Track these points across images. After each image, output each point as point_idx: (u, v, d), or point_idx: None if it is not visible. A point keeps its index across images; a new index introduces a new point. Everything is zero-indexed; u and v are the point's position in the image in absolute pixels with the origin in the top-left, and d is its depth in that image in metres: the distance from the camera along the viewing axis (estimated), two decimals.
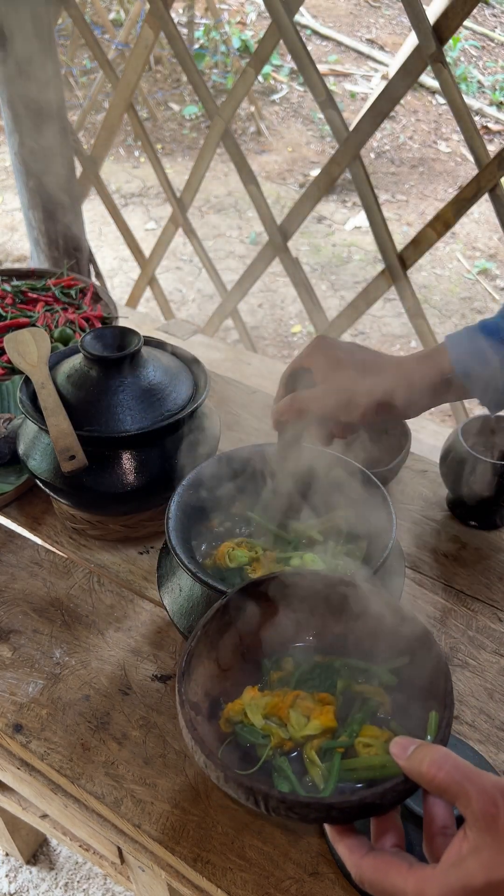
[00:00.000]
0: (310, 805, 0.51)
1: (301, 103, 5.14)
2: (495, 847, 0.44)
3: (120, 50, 4.23)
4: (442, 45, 1.61)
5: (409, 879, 0.47)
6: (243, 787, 0.53)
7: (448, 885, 0.45)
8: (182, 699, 0.59)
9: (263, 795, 0.52)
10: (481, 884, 0.44)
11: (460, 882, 0.45)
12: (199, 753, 0.55)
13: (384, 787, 0.51)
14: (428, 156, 4.72)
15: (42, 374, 0.99)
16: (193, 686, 0.62)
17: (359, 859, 0.50)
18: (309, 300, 2.23)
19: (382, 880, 0.48)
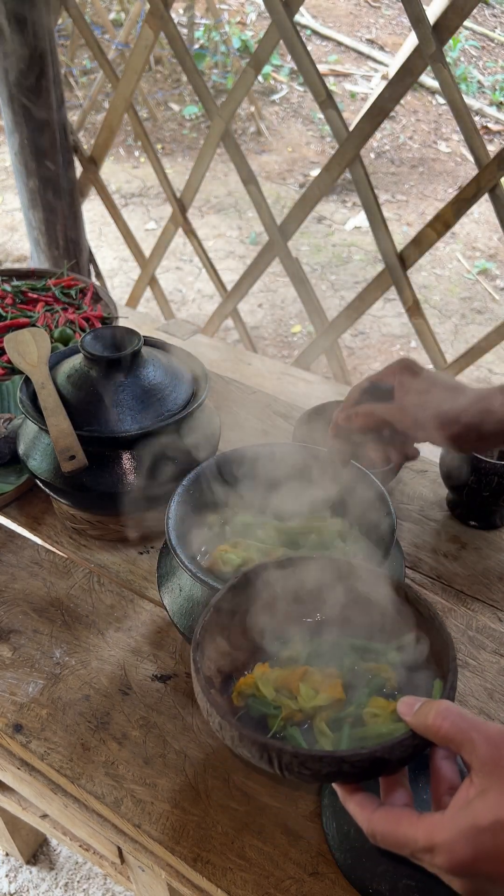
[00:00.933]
0: (322, 759, 0.51)
1: (301, 103, 5.14)
2: (500, 788, 0.46)
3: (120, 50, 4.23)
4: (442, 45, 1.61)
5: (419, 828, 0.48)
6: (257, 745, 0.54)
7: (457, 827, 0.46)
8: (197, 667, 0.60)
9: (277, 751, 0.53)
10: (489, 822, 0.45)
11: (468, 823, 0.46)
12: (215, 716, 0.56)
13: (393, 741, 0.52)
14: (428, 156, 4.72)
15: (42, 374, 0.99)
16: (207, 662, 0.63)
17: (370, 814, 0.51)
18: (309, 300, 2.23)
19: (394, 831, 0.49)
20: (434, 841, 0.47)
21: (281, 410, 1.29)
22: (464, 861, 0.46)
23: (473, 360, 2.08)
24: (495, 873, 0.46)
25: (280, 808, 0.74)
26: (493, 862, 0.46)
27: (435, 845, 0.47)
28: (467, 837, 0.46)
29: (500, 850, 0.45)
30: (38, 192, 2.22)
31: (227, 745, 0.57)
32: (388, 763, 0.52)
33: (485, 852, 0.46)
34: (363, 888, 0.67)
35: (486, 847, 0.46)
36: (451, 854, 0.46)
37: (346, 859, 0.69)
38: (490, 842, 0.46)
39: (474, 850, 0.46)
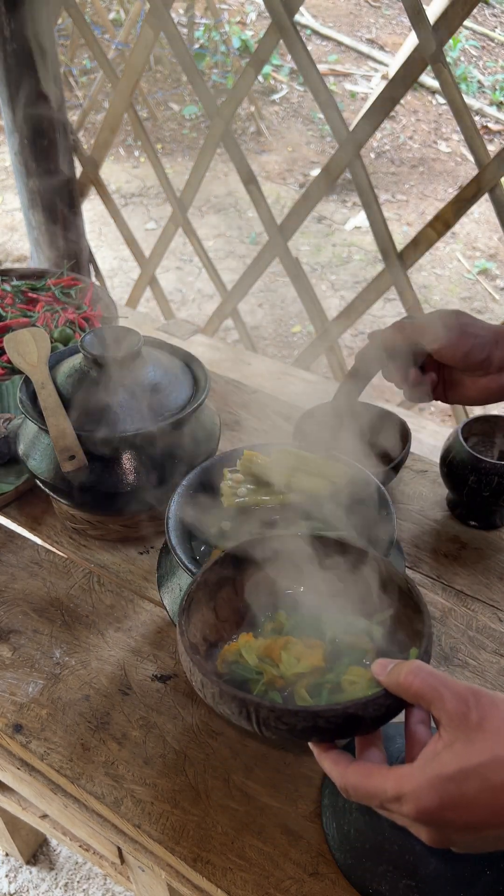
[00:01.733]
0: (298, 713, 0.53)
1: (301, 103, 5.14)
2: (466, 739, 0.48)
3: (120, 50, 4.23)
4: (442, 45, 1.61)
5: (388, 778, 0.50)
6: (237, 700, 0.56)
7: (424, 776, 0.48)
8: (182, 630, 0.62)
9: (255, 706, 0.55)
10: (453, 771, 0.47)
11: (435, 772, 0.48)
12: (197, 674, 0.59)
13: (367, 698, 0.53)
14: (428, 156, 4.72)
15: (42, 374, 0.99)
16: (192, 630, 0.66)
17: (343, 769, 0.53)
18: (309, 300, 2.23)
19: (365, 784, 0.51)
20: (402, 790, 0.49)
21: (281, 410, 1.29)
22: (429, 808, 0.48)
23: None
24: (459, 821, 0.48)
25: (280, 808, 0.74)
26: (458, 809, 0.47)
27: (403, 794, 0.49)
28: (433, 786, 0.48)
29: (464, 798, 0.47)
30: (38, 192, 2.22)
31: (209, 703, 0.58)
32: (362, 721, 0.53)
33: (450, 800, 0.47)
34: (363, 888, 0.67)
35: (451, 795, 0.47)
36: (417, 802, 0.48)
37: (346, 859, 0.69)
38: (455, 790, 0.47)
39: (440, 798, 0.47)
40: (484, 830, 0.48)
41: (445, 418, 2.76)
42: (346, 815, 0.71)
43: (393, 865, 0.66)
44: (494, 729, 0.48)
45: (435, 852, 0.66)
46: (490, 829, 0.48)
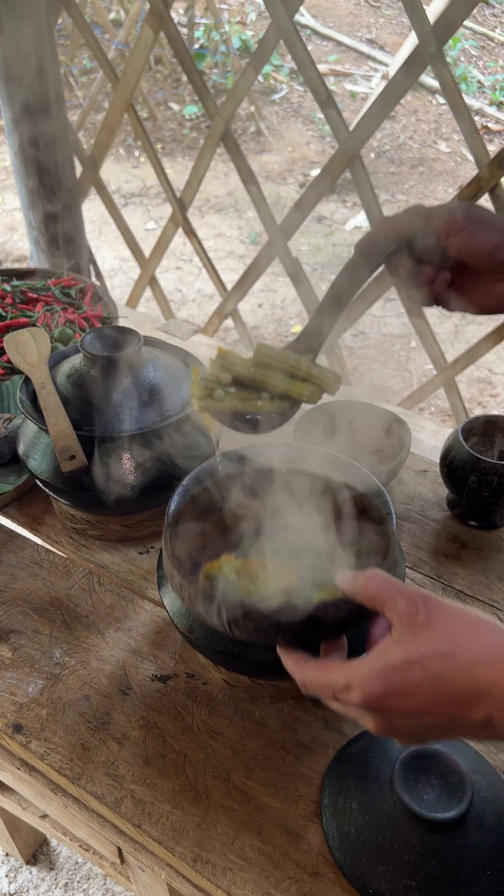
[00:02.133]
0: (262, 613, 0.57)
1: (301, 103, 5.14)
2: (412, 635, 0.53)
3: (120, 50, 4.23)
4: (442, 45, 1.61)
5: (341, 671, 0.55)
6: (209, 599, 0.60)
7: (373, 666, 0.53)
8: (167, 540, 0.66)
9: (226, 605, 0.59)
10: (398, 662, 0.52)
11: (382, 663, 0.52)
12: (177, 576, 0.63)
13: (328, 602, 0.58)
14: (428, 156, 4.72)
15: (42, 374, 0.99)
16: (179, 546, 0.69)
17: (303, 666, 0.58)
18: (309, 300, 2.22)
19: (321, 678, 0.56)
20: (351, 680, 0.53)
21: None
22: (375, 695, 0.52)
23: (473, 360, 2.08)
24: (402, 708, 0.52)
25: (280, 808, 0.74)
26: (400, 697, 0.52)
27: (351, 683, 0.53)
28: (379, 674, 0.52)
29: (406, 686, 0.51)
30: (38, 192, 2.22)
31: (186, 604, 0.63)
32: (324, 623, 0.57)
33: (393, 688, 0.52)
34: (363, 888, 0.67)
35: (394, 683, 0.52)
36: (363, 689, 0.52)
37: (346, 859, 0.69)
38: (398, 678, 0.52)
39: (384, 686, 0.52)
40: (423, 718, 0.52)
41: (445, 418, 2.76)
42: (346, 815, 0.71)
43: (393, 865, 0.66)
44: (439, 627, 0.52)
45: (435, 852, 0.66)
46: (428, 717, 0.52)
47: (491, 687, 0.49)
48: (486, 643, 0.51)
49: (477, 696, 0.50)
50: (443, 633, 0.52)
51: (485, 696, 0.50)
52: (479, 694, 0.50)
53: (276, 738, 0.80)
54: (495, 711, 0.50)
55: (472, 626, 0.52)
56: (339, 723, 0.82)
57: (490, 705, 0.50)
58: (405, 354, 3.12)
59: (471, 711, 0.51)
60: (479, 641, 0.51)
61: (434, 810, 0.64)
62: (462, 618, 0.53)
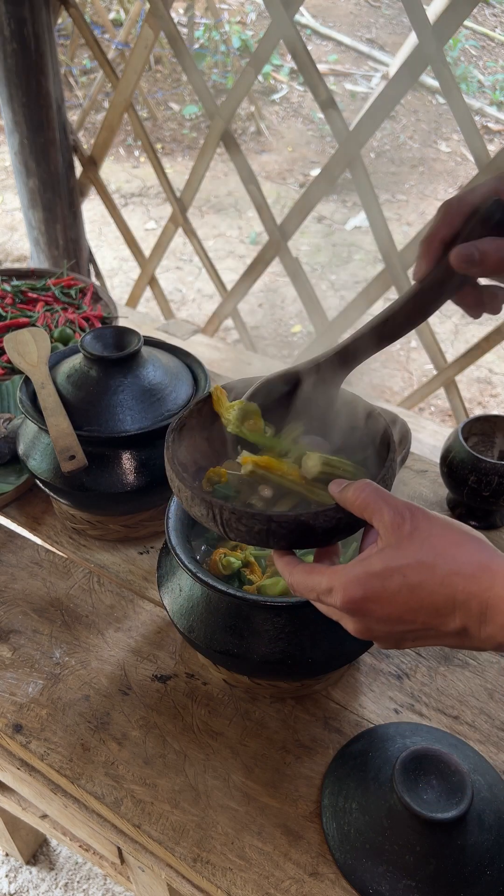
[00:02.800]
0: (254, 516, 0.58)
1: (301, 103, 5.14)
2: (396, 545, 0.54)
3: (120, 50, 4.23)
4: (442, 45, 1.61)
5: (325, 573, 0.57)
6: (205, 503, 0.60)
7: (353, 572, 0.54)
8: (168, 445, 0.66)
9: (219, 507, 0.59)
10: (379, 569, 0.53)
11: (363, 569, 0.54)
12: (175, 479, 0.63)
13: (317, 509, 0.58)
14: (428, 156, 4.72)
15: (42, 374, 0.99)
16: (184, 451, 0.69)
17: (292, 567, 0.59)
18: (309, 300, 2.23)
19: (306, 580, 0.58)
20: (333, 583, 0.55)
21: None
22: (354, 598, 0.54)
23: (473, 361, 2.08)
24: (380, 612, 0.54)
25: (280, 808, 0.74)
26: (379, 602, 0.53)
27: (333, 587, 0.55)
28: (360, 579, 0.54)
29: (385, 592, 0.53)
30: (38, 192, 2.22)
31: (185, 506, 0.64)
32: (314, 529, 0.58)
33: (372, 593, 0.53)
34: (363, 888, 0.67)
35: (374, 588, 0.53)
36: (344, 592, 0.54)
37: (346, 859, 0.69)
38: (378, 584, 0.53)
39: (363, 591, 0.53)
40: (400, 624, 0.54)
41: (446, 418, 2.76)
42: (346, 815, 0.71)
43: (393, 865, 0.66)
44: (422, 538, 0.53)
45: (435, 852, 0.66)
46: (405, 624, 0.54)
47: (468, 598, 0.51)
48: (467, 556, 0.52)
49: (453, 606, 0.51)
50: (425, 543, 0.53)
51: (461, 606, 0.51)
52: (456, 604, 0.51)
53: (276, 738, 0.80)
54: (470, 622, 0.51)
55: (455, 539, 0.54)
56: (339, 723, 0.82)
57: (466, 616, 0.51)
58: (405, 354, 3.12)
59: (447, 621, 0.52)
60: (460, 554, 0.52)
61: (434, 810, 0.64)
62: (447, 531, 0.54)
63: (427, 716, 0.83)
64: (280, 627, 0.74)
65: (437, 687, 0.86)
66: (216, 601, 0.76)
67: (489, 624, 0.51)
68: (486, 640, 0.52)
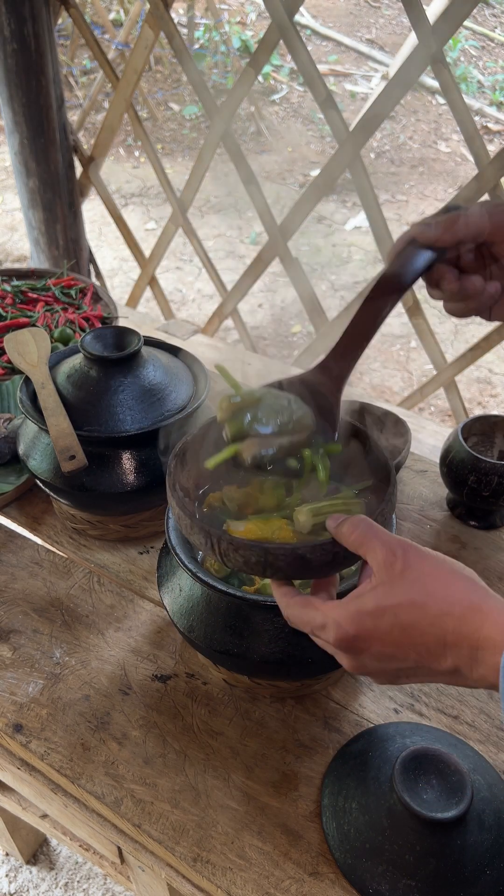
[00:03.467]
0: (251, 547, 0.59)
1: (301, 103, 5.14)
2: (388, 583, 0.54)
3: (120, 50, 4.23)
4: (442, 45, 1.61)
5: (320, 608, 0.57)
6: (204, 531, 0.61)
7: (347, 609, 0.55)
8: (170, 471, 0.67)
9: (217, 538, 0.60)
10: (372, 608, 0.54)
11: (355, 607, 0.55)
12: (176, 507, 0.64)
13: (315, 543, 0.59)
14: (428, 156, 4.72)
15: (42, 374, 0.99)
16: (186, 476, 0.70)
17: (289, 599, 0.60)
18: (309, 300, 2.23)
19: (301, 613, 0.58)
20: (326, 619, 0.56)
21: None
22: (347, 636, 0.55)
23: (473, 360, 2.08)
24: (372, 650, 0.55)
25: (280, 808, 0.74)
26: (371, 640, 0.54)
27: (327, 623, 0.56)
28: (352, 617, 0.54)
29: (377, 631, 0.54)
30: (38, 192, 2.22)
31: (185, 533, 0.64)
32: (311, 563, 0.59)
33: (365, 631, 0.54)
34: (363, 888, 0.67)
35: (366, 627, 0.54)
36: (337, 629, 0.55)
37: (346, 859, 0.69)
38: (370, 623, 0.54)
39: (356, 629, 0.54)
40: (392, 661, 0.55)
41: (445, 418, 2.76)
42: (346, 815, 0.71)
43: (393, 865, 0.66)
44: (414, 577, 0.54)
45: (435, 852, 0.66)
46: (397, 661, 0.54)
47: (458, 639, 0.51)
48: (458, 596, 0.52)
49: (444, 647, 0.52)
50: (417, 582, 0.53)
51: (452, 647, 0.52)
52: (447, 645, 0.52)
53: (276, 738, 0.80)
54: (461, 663, 0.52)
55: (447, 578, 0.54)
56: (339, 723, 0.82)
57: (457, 657, 0.52)
58: (405, 354, 3.12)
59: (439, 660, 0.53)
60: (451, 594, 0.53)
61: (434, 810, 0.64)
62: (438, 569, 0.54)
63: (427, 715, 0.83)
64: (280, 627, 0.74)
65: (436, 686, 0.86)
66: (216, 601, 0.76)
67: (480, 665, 0.51)
68: (478, 681, 0.52)
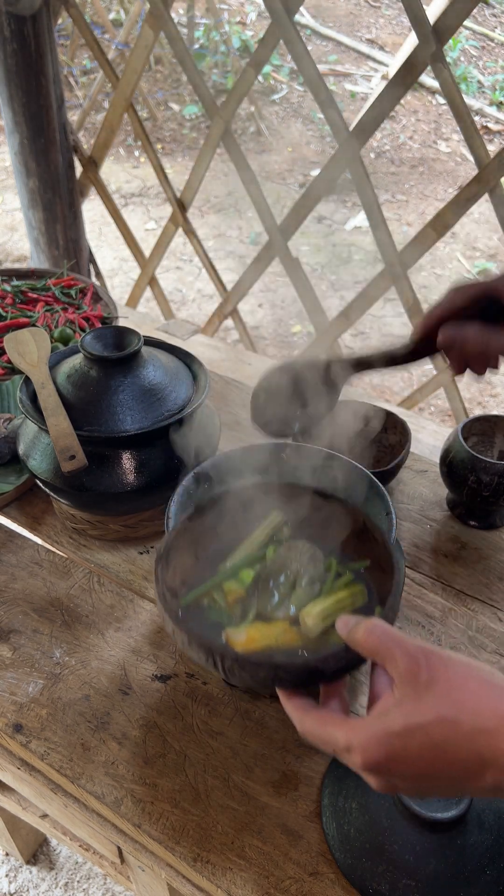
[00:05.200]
0: (260, 665, 0.56)
1: (301, 103, 5.14)
2: (415, 698, 0.51)
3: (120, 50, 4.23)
4: (442, 45, 1.61)
5: (341, 728, 0.53)
6: (204, 648, 0.58)
7: (373, 730, 0.51)
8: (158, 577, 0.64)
9: (220, 655, 0.57)
10: (400, 728, 0.50)
11: (382, 728, 0.51)
12: (169, 621, 0.61)
13: (327, 653, 0.56)
14: (428, 156, 4.72)
15: (42, 374, 0.99)
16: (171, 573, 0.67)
17: (303, 714, 0.56)
18: (309, 300, 2.23)
19: (320, 731, 0.55)
20: (352, 742, 0.52)
21: None
22: (376, 760, 0.51)
23: None
24: (404, 772, 0.51)
25: (280, 808, 0.74)
26: (401, 762, 0.50)
27: (352, 746, 0.52)
28: (380, 740, 0.51)
29: (408, 753, 0.50)
30: (38, 192, 2.22)
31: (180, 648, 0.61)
32: (323, 673, 0.56)
33: (394, 753, 0.50)
34: (363, 888, 0.67)
35: (395, 749, 0.50)
36: (364, 754, 0.51)
37: (346, 859, 0.69)
38: (400, 745, 0.50)
39: (385, 752, 0.50)
40: (425, 781, 0.51)
41: (445, 418, 2.76)
42: (346, 815, 0.71)
43: (393, 865, 0.66)
44: (441, 690, 0.50)
45: (435, 852, 0.66)
46: (432, 780, 0.51)
47: (496, 755, 0.48)
48: (490, 709, 0.49)
49: (482, 764, 0.49)
50: (446, 696, 0.50)
51: (490, 764, 0.49)
52: (484, 762, 0.49)
53: (276, 738, 0.80)
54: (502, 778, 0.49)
55: (477, 688, 0.50)
56: None
57: (496, 773, 0.49)
58: None
59: (477, 778, 0.50)
60: (483, 707, 0.49)
61: (434, 810, 0.64)
62: (467, 679, 0.51)
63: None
64: None
65: None
66: None
67: None
68: None
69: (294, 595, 0.68)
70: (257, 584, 0.70)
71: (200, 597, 0.68)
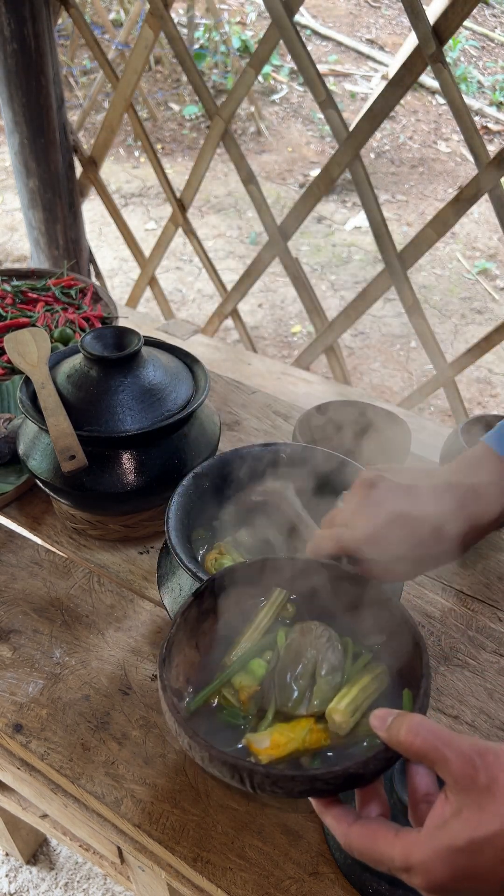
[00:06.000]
0: (294, 778, 0.51)
1: (301, 103, 5.15)
2: (475, 806, 0.45)
3: (120, 50, 4.23)
4: (442, 45, 1.61)
5: (395, 845, 0.48)
6: (228, 766, 0.52)
7: (433, 847, 0.46)
8: (164, 684, 0.59)
9: (248, 772, 0.52)
10: (465, 842, 0.45)
11: (444, 843, 0.46)
12: (183, 736, 0.55)
13: (367, 756, 0.51)
14: (428, 156, 4.73)
15: (42, 374, 0.99)
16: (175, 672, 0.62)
17: (346, 828, 0.51)
18: (309, 300, 2.23)
19: (371, 848, 0.49)
20: (410, 861, 0.47)
21: (281, 410, 1.29)
22: (442, 881, 0.46)
23: (473, 360, 2.08)
24: (473, 889, 0.46)
25: (280, 808, 0.74)
26: (470, 880, 0.46)
27: (412, 866, 0.47)
28: (444, 858, 0.46)
29: (477, 870, 0.45)
30: (38, 192, 2.22)
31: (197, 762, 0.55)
32: (363, 777, 0.52)
33: (461, 872, 0.45)
34: (363, 888, 0.67)
35: (462, 867, 0.45)
36: (427, 875, 0.46)
37: (346, 859, 0.69)
38: (466, 861, 0.45)
39: (452, 871, 0.46)
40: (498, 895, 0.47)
41: (445, 418, 2.76)
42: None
43: None
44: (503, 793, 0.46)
45: None
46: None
47: None
48: None
49: None
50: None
51: None
52: None
53: None
54: None
55: None
56: None
57: None
58: (405, 354, 3.12)
59: None
60: None
61: None
62: None
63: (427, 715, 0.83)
64: None
65: (436, 687, 0.86)
66: None
67: None
68: None
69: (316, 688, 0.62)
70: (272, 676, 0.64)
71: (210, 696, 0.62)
